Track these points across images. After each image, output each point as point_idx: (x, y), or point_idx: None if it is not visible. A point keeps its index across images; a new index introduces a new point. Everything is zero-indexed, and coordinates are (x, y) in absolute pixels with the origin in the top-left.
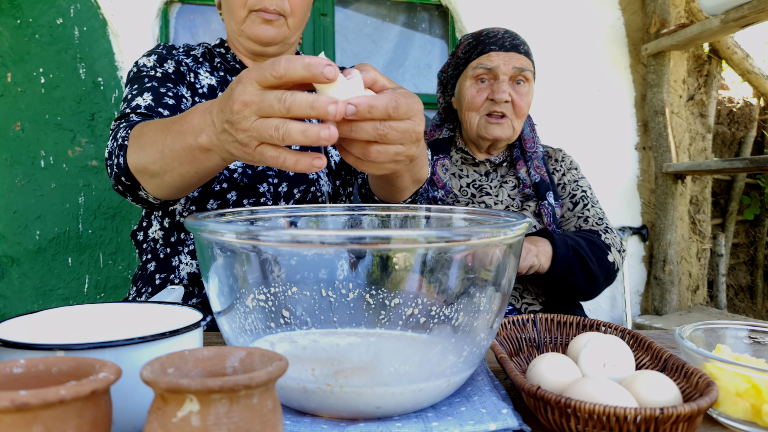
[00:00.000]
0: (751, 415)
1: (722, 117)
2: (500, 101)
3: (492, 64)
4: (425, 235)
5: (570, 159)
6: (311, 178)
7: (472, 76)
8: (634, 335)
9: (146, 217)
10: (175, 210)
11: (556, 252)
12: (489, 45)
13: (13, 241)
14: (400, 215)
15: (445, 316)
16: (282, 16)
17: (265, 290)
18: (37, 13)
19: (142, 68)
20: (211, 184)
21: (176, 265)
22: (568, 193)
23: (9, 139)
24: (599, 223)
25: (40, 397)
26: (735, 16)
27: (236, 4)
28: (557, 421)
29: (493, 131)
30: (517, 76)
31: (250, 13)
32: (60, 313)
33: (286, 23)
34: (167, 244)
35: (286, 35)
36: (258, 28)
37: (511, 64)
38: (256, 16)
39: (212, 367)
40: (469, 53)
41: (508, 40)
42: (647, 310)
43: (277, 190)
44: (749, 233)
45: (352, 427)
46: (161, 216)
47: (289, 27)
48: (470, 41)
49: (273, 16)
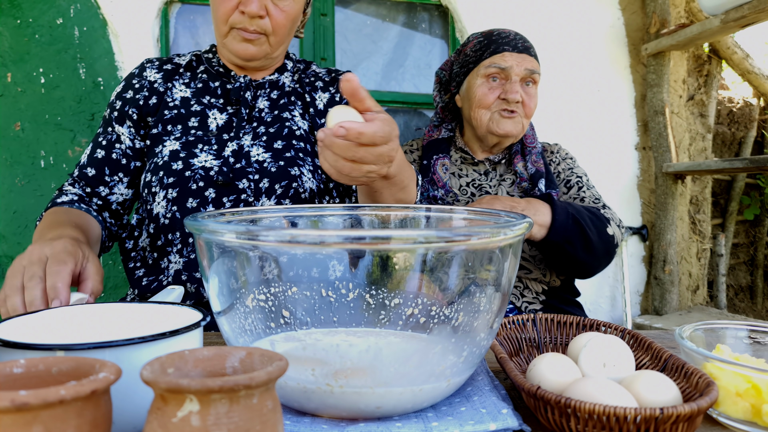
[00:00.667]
0: (751, 415)
1: (722, 117)
2: (513, 101)
3: (506, 64)
4: (425, 235)
5: (565, 151)
6: (294, 174)
7: (484, 74)
8: (634, 335)
9: (137, 226)
10: (159, 213)
11: (555, 219)
12: (502, 45)
13: (13, 241)
14: (400, 215)
15: (445, 316)
16: (263, 35)
17: (265, 290)
18: (37, 13)
19: (104, 113)
20: (188, 184)
21: (165, 266)
22: (563, 180)
23: (9, 139)
24: (596, 202)
25: (40, 397)
26: (735, 16)
27: (219, 19)
28: (557, 421)
29: (505, 126)
30: (527, 78)
31: (231, 30)
32: (60, 313)
33: (268, 41)
34: (154, 249)
35: (267, 52)
36: (238, 46)
37: (523, 66)
38: (237, 33)
39: (212, 367)
40: (480, 51)
41: (521, 42)
42: (647, 310)
43: (258, 186)
44: (749, 233)
45: (352, 427)
46: (147, 223)
47: (271, 45)
48: (481, 40)
49: (253, 36)
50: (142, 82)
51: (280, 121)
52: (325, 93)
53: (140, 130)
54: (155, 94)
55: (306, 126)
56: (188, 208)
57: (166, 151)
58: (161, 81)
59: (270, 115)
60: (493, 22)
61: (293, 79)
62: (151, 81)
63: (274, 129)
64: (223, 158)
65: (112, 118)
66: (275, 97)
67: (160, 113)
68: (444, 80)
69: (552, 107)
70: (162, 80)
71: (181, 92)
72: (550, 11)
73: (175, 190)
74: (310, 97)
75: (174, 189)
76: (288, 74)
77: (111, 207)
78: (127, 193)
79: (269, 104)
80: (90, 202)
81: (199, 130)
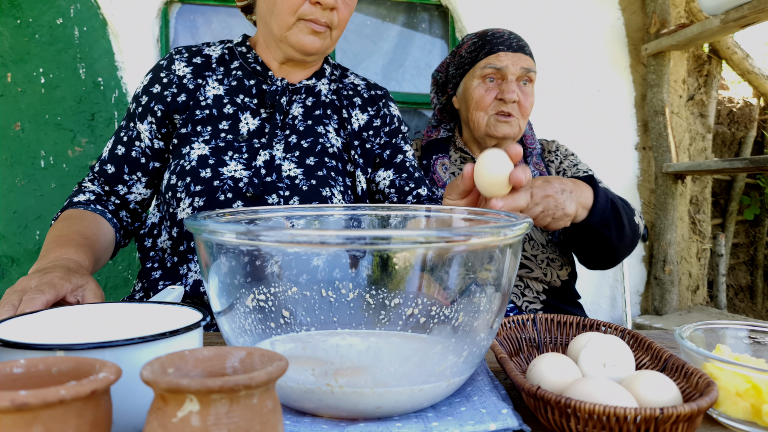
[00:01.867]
0: (751, 415)
1: (722, 117)
2: (509, 101)
3: (501, 64)
4: (425, 235)
5: (564, 147)
6: (325, 195)
7: (480, 75)
8: (634, 335)
9: (158, 224)
10: (182, 220)
11: (596, 201)
12: (497, 45)
13: (13, 241)
14: (400, 215)
15: (445, 316)
16: (329, 29)
17: (265, 290)
18: (37, 13)
19: (130, 109)
20: (215, 194)
21: (184, 273)
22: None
23: (9, 139)
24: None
25: (40, 397)
26: (735, 16)
27: (285, 10)
28: (557, 421)
29: (502, 129)
30: (523, 76)
31: (298, 21)
32: (60, 313)
33: (330, 35)
34: (175, 253)
35: (328, 47)
36: (305, 38)
37: (519, 65)
38: (305, 25)
39: (212, 367)
40: (475, 53)
41: (515, 41)
42: (647, 310)
43: (288, 203)
44: (749, 233)
45: (352, 427)
46: (170, 225)
47: (332, 39)
48: (475, 41)
49: (322, 29)
50: (171, 76)
51: (313, 135)
52: (364, 114)
53: (162, 128)
54: (185, 92)
55: (340, 144)
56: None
57: (194, 155)
58: (191, 76)
59: (303, 124)
60: (493, 22)
61: (330, 89)
62: (180, 76)
63: (307, 143)
64: (253, 169)
65: (136, 114)
66: (310, 105)
67: (191, 112)
68: (440, 82)
69: (552, 107)
70: (192, 75)
71: (214, 89)
72: (550, 11)
73: (201, 199)
74: (347, 113)
75: (201, 198)
76: (325, 81)
77: (129, 206)
78: (146, 192)
79: (303, 111)
80: (107, 202)
81: (230, 133)
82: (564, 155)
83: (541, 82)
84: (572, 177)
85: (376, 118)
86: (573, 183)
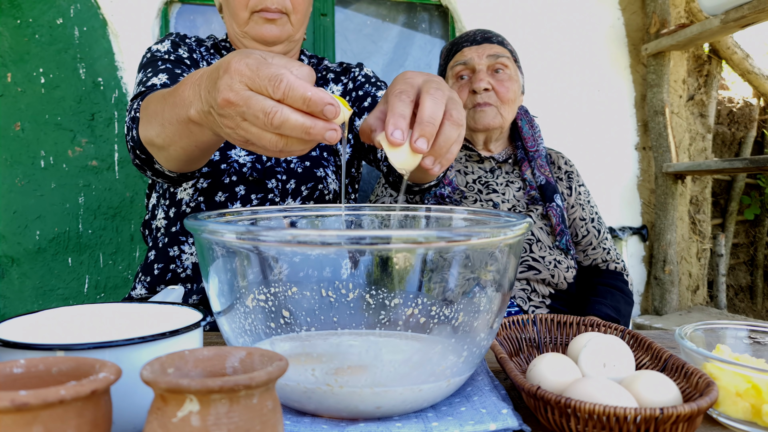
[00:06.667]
0: (751, 415)
1: (722, 117)
2: (479, 90)
3: (466, 58)
4: (425, 235)
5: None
6: (319, 176)
7: (452, 75)
8: (634, 335)
9: (156, 206)
10: (182, 200)
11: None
12: (462, 43)
13: (13, 241)
14: (400, 215)
15: (445, 316)
16: (284, 14)
17: (265, 290)
18: (37, 13)
19: (155, 53)
20: (221, 177)
21: (175, 255)
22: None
23: (9, 139)
24: (616, 259)
25: (40, 397)
26: (735, 16)
27: (237, 6)
28: (557, 421)
29: (481, 120)
30: (494, 64)
31: (252, 14)
32: (60, 313)
33: (289, 20)
34: (167, 234)
35: (290, 33)
36: (261, 29)
37: (484, 54)
38: (259, 16)
39: (212, 367)
40: (447, 57)
41: (480, 35)
42: (647, 310)
43: (285, 187)
44: (749, 233)
45: (352, 427)
46: (167, 206)
47: (293, 24)
48: (447, 47)
49: (275, 15)
50: (191, 45)
51: None
52: (338, 84)
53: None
54: (203, 61)
55: None
56: (216, 202)
57: None
58: (204, 53)
59: None
60: (492, 22)
61: None
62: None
63: None
64: (255, 154)
65: (182, 58)
66: None
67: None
68: None
69: (552, 107)
70: (205, 53)
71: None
72: (550, 11)
73: (207, 180)
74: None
75: (206, 180)
76: None
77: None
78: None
79: None
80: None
81: None
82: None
83: (541, 83)
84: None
85: (350, 83)
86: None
